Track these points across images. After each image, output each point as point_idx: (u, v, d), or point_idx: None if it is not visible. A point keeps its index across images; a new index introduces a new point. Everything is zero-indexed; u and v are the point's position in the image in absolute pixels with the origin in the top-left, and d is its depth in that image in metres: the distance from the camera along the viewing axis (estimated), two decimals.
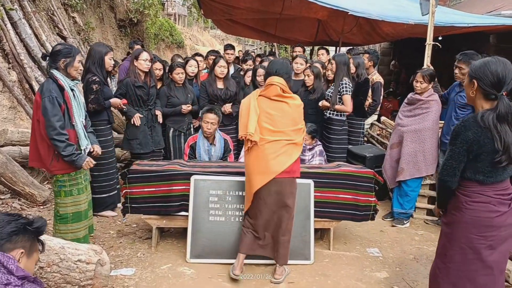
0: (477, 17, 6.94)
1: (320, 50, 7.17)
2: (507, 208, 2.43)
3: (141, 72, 4.85)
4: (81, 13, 8.79)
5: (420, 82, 4.58)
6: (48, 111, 3.26)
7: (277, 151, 3.26)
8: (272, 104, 3.30)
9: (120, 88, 4.87)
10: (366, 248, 4.22)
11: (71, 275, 2.80)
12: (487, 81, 2.37)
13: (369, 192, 4.01)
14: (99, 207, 4.58)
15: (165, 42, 16.76)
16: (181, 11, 30.49)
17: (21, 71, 5.99)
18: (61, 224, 3.54)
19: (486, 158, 2.36)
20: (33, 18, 6.39)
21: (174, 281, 3.42)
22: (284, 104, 3.31)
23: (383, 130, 6.67)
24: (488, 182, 2.41)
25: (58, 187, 3.47)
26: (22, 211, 4.51)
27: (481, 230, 2.44)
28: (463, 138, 2.37)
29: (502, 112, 2.30)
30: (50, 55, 3.43)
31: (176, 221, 3.93)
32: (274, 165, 3.25)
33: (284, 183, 3.32)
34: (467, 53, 4.39)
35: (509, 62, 2.46)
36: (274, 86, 3.29)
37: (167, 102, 5.25)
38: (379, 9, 6.85)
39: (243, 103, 3.42)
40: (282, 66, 3.37)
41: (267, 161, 3.25)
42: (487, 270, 2.47)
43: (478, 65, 2.44)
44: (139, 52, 4.85)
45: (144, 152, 4.90)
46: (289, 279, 3.53)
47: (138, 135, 4.85)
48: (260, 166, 3.28)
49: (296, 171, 3.39)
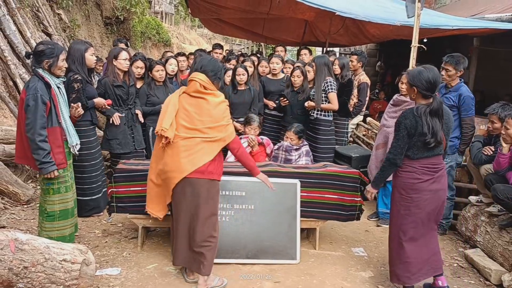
0: (462, 20, 7.04)
1: (302, 50, 7.20)
2: (429, 177, 3.20)
3: (120, 72, 4.79)
4: (66, 10, 8.69)
5: (405, 83, 4.63)
6: (29, 109, 3.23)
7: (191, 149, 3.11)
8: (191, 100, 3.18)
9: (98, 88, 4.76)
10: (351, 248, 4.26)
11: (56, 275, 2.77)
12: (424, 86, 3.14)
13: (355, 192, 4.04)
14: (81, 210, 4.33)
15: (151, 40, 16.63)
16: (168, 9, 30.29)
17: (5, 68, 5.89)
18: (47, 222, 3.50)
19: (419, 139, 3.13)
20: (17, 14, 6.29)
21: (160, 281, 3.41)
22: (202, 101, 3.16)
23: (369, 131, 6.74)
24: (415, 158, 3.20)
25: (46, 184, 3.44)
26: (6, 210, 4.44)
27: (408, 192, 3.23)
28: (404, 125, 3.14)
29: (435, 107, 3.13)
30: (34, 55, 3.38)
31: (162, 221, 3.91)
32: (185, 163, 3.10)
33: (200, 185, 3.14)
34: (454, 55, 4.46)
35: (436, 68, 3.23)
36: (194, 82, 3.16)
37: (146, 100, 5.19)
38: (365, 10, 6.91)
39: (167, 98, 3.32)
40: (209, 63, 3.24)
41: (179, 158, 3.10)
42: (415, 224, 3.25)
43: (415, 74, 3.17)
44: (118, 52, 4.78)
45: (124, 152, 4.80)
46: (275, 279, 3.54)
47: (117, 135, 4.77)
48: (173, 163, 3.14)
49: (215, 173, 3.19)
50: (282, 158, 4.82)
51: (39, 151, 3.27)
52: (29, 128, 3.24)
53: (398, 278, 3.34)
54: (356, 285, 3.56)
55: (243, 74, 5.40)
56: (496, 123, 4.23)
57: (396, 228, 3.34)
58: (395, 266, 3.37)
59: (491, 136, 4.38)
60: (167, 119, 3.11)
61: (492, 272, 3.73)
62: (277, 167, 4.10)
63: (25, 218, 4.38)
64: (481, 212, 4.38)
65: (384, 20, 6.66)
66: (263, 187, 3.57)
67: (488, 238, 4.11)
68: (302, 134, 4.88)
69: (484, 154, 4.23)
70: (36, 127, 3.24)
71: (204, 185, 3.16)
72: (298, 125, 4.90)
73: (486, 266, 3.81)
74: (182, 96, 3.22)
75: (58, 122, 3.43)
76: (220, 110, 3.19)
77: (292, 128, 4.84)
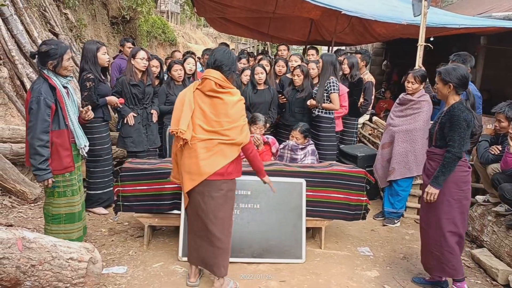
0: (468, 18, 7.01)
1: (310, 50, 7.18)
2: (470, 169, 3.37)
3: (138, 71, 4.84)
4: (73, 10, 8.73)
5: (412, 82, 4.62)
6: (32, 112, 3.16)
7: (210, 151, 3.02)
8: (206, 100, 3.04)
9: (115, 86, 4.86)
10: (357, 247, 4.25)
11: (63, 273, 2.79)
12: (459, 82, 3.25)
13: (361, 192, 4.03)
14: (94, 203, 4.62)
15: (157, 40, 16.68)
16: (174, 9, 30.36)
17: (12, 68, 5.93)
18: (53, 224, 3.45)
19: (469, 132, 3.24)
20: (24, 14, 6.33)
21: (166, 279, 3.43)
22: (218, 101, 3.03)
23: (375, 130, 6.72)
24: (465, 150, 3.27)
25: (51, 187, 3.35)
26: (13, 208, 4.48)
27: (460, 185, 3.29)
28: (464, 118, 3.17)
29: (471, 100, 3.44)
30: (38, 55, 3.31)
31: (168, 220, 3.93)
32: (205, 166, 3.01)
33: (218, 186, 3.08)
34: (460, 54, 4.45)
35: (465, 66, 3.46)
36: (208, 81, 3.02)
37: (166, 100, 5.24)
38: (371, 9, 6.88)
39: (180, 95, 3.16)
40: (223, 57, 3.07)
41: (198, 161, 3.01)
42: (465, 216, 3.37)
43: (450, 71, 3.27)
44: (137, 51, 4.84)
45: (138, 150, 4.89)
46: (280, 278, 3.54)
47: (132, 133, 4.84)
48: (191, 166, 3.05)
49: (233, 172, 3.13)
50: (287, 157, 4.81)
51: (36, 156, 3.17)
52: (29, 132, 3.17)
53: (458, 271, 3.36)
54: (362, 285, 3.56)
55: (261, 73, 5.41)
56: (503, 122, 4.21)
57: (449, 224, 3.31)
58: (452, 261, 3.33)
59: (498, 135, 4.36)
60: (183, 119, 2.99)
61: (499, 272, 3.70)
62: (282, 166, 4.10)
63: (32, 217, 4.41)
64: (488, 212, 4.36)
65: (390, 19, 6.64)
66: (268, 187, 3.57)
67: (495, 238, 4.08)
68: (307, 133, 4.87)
69: (491, 153, 4.21)
70: (36, 131, 3.15)
71: (223, 186, 3.10)
72: (304, 124, 4.89)
73: (493, 266, 3.79)
74: (196, 94, 3.08)
75: (65, 124, 3.35)
76: (237, 109, 3.06)
77: (298, 127, 4.83)
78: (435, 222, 3.36)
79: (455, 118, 3.20)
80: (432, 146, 3.44)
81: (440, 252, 3.36)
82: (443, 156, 3.26)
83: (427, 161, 3.48)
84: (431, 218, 3.39)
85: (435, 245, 3.38)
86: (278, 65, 6.16)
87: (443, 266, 3.37)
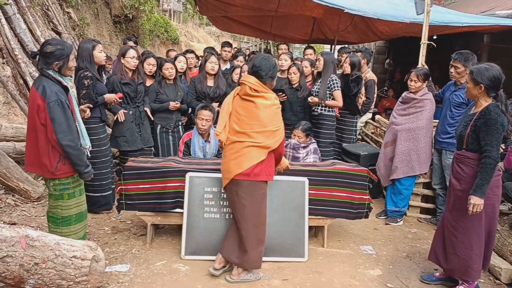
0: (472, 16, 6.98)
1: (307, 49, 7.18)
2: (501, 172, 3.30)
3: (128, 70, 4.82)
4: (76, 9, 8.75)
5: (415, 81, 4.61)
6: (57, 116, 3.05)
7: (238, 152, 3.22)
8: (242, 103, 3.26)
9: (106, 85, 4.76)
10: (359, 246, 4.25)
11: (66, 271, 2.80)
12: (492, 84, 3.11)
13: (363, 190, 4.03)
14: (92, 206, 4.41)
15: (160, 38, 16.68)
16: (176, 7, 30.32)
17: (16, 66, 5.96)
18: (64, 227, 3.35)
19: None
20: (27, 13, 6.35)
21: (169, 278, 3.43)
22: (251, 104, 3.22)
23: (377, 129, 6.70)
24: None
25: (61, 190, 3.27)
26: (16, 207, 4.49)
27: (494, 190, 3.19)
28: (500, 122, 3.07)
29: (503, 102, 3.16)
30: (41, 55, 3.16)
31: (171, 218, 3.94)
32: (233, 165, 3.24)
33: (243, 186, 3.25)
34: (462, 52, 4.42)
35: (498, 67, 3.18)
36: (244, 86, 3.24)
37: (156, 98, 5.20)
38: (374, 7, 6.87)
39: (226, 98, 3.43)
40: (261, 63, 3.25)
41: (228, 160, 3.27)
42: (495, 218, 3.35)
43: (483, 72, 3.12)
44: (126, 50, 4.82)
45: (131, 149, 4.83)
46: (283, 276, 3.55)
47: (124, 132, 4.80)
48: (223, 165, 3.35)
49: (261, 174, 3.26)
50: (289, 156, 4.81)
51: (82, 156, 3.21)
52: (65, 135, 3.08)
53: (480, 273, 3.38)
54: (365, 283, 3.56)
55: None
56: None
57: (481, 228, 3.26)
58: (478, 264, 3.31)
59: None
60: (221, 122, 3.26)
61: (502, 271, 3.70)
62: None
63: (36, 215, 4.43)
64: None
65: (393, 17, 6.62)
66: (271, 185, 3.58)
67: (498, 237, 4.07)
68: (309, 132, 4.87)
69: None
70: (73, 133, 3.13)
71: (248, 187, 3.26)
72: (306, 123, 4.89)
73: (496, 265, 3.78)
74: (236, 98, 3.32)
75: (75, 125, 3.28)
76: (268, 113, 3.22)
77: (300, 126, 4.83)
78: (467, 226, 3.29)
79: (491, 121, 3.09)
80: (462, 149, 3.32)
81: (468, 255, 3.29)
82: (478, 160, 3.17)
83: (457, 164, 3.36)
84: (463, 222, 3.30)
85: (464, 248, 3.30)
86: None
87: (468, 269, 3.31)
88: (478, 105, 3.26)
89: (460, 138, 3.35)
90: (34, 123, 3.12)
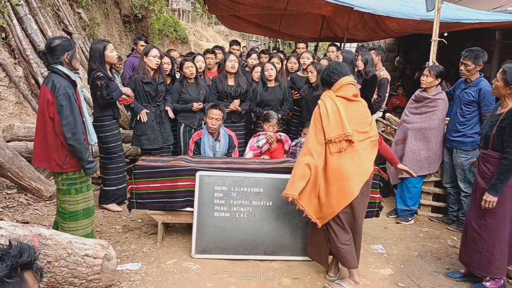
0: (483, 13, 6.91)
1: (330, 47, 7.11)
2: None
3: (150, 69, 4.87)
4: (86, 9, 8.82)
5: (426, 75, 4.57)
6: (64, 109, 3.09)
7: (366, 150, 3.23)
8: (350, 104, 3.25)
9: (128, 84, 4.90)
10: (370, 245, 4.24)
11: (79, 270, 2.82)
12: None
13: (374, 189, 3.99)
14: (109, 199, 4.70)
15: (169, 38, 16.74)
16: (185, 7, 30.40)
17: (27, 67, 6.02)
18: (71, 222, 3.41)
19: None
20: (39, 13, 6.42)
21: (180, 276, 3.45)
22: (358, 103, 3.30)
23: (388, 127, 6.66)
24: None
25: (68, 185, 3.32)
26: (29, 205, 4.54)
27: None
28: None
29: None
30: (49, 51, 3.21)
31: (181, 217, 3.95)
32: (367, 165, 3.24)
33: (370, 183, 3.33)
34: (473, 49, 4.37)
35: None
36: (351, 86, 3.25)
37: (179, 98, 5.25)
38: (384, 5, 6.82)
39: (324, 104, 3.22)
40: (345, 67, 3.36)
41: (362, 161, 3.20)
42: None
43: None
44: (149, 49, 4.88)
45: (153, 148, 4.93)
46: (293, 275, 3.54)
47: (146, 131, 4.87)
48: (355, 167, 3.17)
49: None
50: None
51: (85, 151, 3.21)
52: (70, 128, 3.11)
53: (502, 271, 3.38)
54: (376, 283, 3.54)
55: (271, 69, 5.40)
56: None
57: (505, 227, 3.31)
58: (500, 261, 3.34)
59: None
60: (345, 124, 3.12)
61: None
62: (295, 163, 4.08)
63: (48, 214, 4.47)
64: None
65: (403, 15, 6.57)
66: (281, 184, 3.57)
67: None
68: None
69: None
70: (78, 127, 3.15)
71: (371, 183, 3.37)
72: None
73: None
74: (338, 101, 3.21)
75: (82, 120, 3.32)
76: (367, 109, 3.39)
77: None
78: (491, 225, 3.33)
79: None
80: (488, 149, 3.34)
81: (490, 253, 3.33)
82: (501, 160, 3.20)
83: (483, 164, 3.38)
84: (486, 221, 3.35)
85: (487, 246, 3.34)
86: (290, 61, 6.14)
87: (489, 266, 3.35)
88: (504, 105, 3.25)
89: (486, 137, 3.35)
90: (44, 118, 3.17)
